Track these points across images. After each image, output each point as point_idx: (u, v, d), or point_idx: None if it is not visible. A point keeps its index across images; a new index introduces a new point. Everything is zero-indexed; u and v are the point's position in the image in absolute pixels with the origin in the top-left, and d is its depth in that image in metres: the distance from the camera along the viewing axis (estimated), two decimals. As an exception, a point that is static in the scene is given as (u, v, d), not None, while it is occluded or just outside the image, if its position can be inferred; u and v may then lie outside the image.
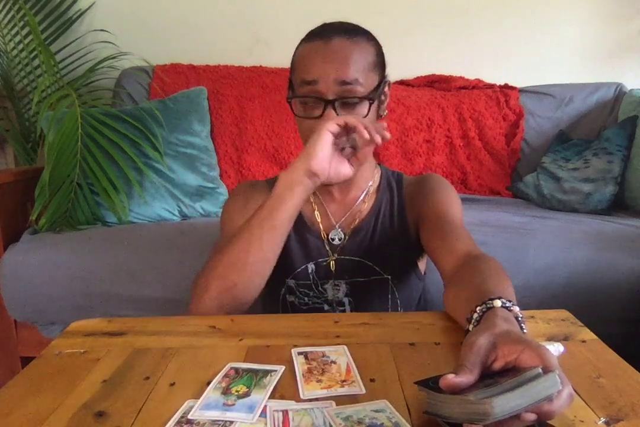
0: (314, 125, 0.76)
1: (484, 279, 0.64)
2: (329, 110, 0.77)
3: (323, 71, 0.76)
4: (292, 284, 0.90)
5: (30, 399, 0.52)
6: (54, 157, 1.42)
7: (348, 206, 0.91)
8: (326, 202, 0.91)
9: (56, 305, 1.31)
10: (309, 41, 0.80)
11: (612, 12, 2.06)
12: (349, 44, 0.78)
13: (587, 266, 1.27)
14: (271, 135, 1.88)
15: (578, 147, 1.82)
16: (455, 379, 0.43)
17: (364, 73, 0.78)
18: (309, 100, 0.79)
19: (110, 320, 0.72)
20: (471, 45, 2.09)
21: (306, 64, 0.78)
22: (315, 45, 0.79)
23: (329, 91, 0.76)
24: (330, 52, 0.77)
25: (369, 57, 0.80)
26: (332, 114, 0.76)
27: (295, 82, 0.81)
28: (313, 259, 0.89)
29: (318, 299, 0.90)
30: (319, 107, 0.78)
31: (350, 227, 0.90)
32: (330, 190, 0.90)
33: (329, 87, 0.76)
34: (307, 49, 0.80)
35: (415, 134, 1.92)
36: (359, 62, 0.78)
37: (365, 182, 0.91)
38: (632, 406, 0.49)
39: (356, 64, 0.77)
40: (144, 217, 1.58)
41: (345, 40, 0.78)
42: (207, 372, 0.56)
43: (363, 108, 0.79)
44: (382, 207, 0.91)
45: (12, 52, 1.94)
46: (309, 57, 0.79)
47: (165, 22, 2.07)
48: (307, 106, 0.80)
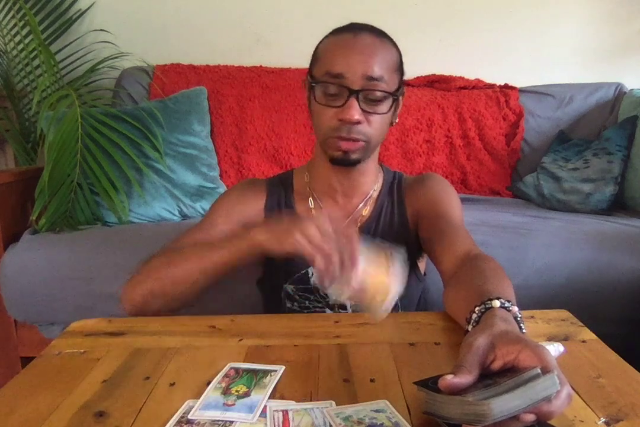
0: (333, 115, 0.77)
1: (484, 279, 0.64)
2: (352, 100, 0.75)
3: (351, 63, 0.75)
4: (290, 289, 0.89)
5: (30, 399, 0.52)
6: (53, 157, 1.42)
7: (350, 211, 0.90)
8: (328, 207, 0.90)
9: (56, 305, 1.31)
10: (336, 35, 0.79)
11: (612, 12, 2.06)
12: (378, 40, 0.78)
13: (587, 266, 1.27)
14: (271, 135, 1.88)
15: (578, 147, 1.82)
16: (454, 380, 0.43)
17: (389, 72, 0.78)
18: (333, 89, 0.77)
19: (110, 320, 0.72)
20: (471, 45, 2.09)
21: (333, 55, 0.77)
22: (343, 38, 0.78)
23: (355, 84, 0.75)
24: (359, 45, 0.76)
25: (394, 58, 0.80)
26: (355, 105, 0.75)
27: (317, 74, 0.79)
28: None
29: (319, 303, 0.89)
30: (342, 97, 0.76)
31: None
32: (333, 195, 0.89)
33: (355, 80, 0.75)
34: (335, 41, 0.79)
35: (415, 134, 1.92)
36: (385, 60, 0.78)
37: (368, 188, 0.91)
38: (632, 406, 0.49)
39: (383, 61, 0.77)
40: (144, 217, 1.58)
41: (374, 37, 0.78)
42: (207, 372, 0.56)
43: (385, 105, 0.79)
44: (383, 210, 0.91)
45: (12, 52, 1.93)
46: (336, 49, 0.77)
47: (165, 22, 2.07)
48: (329, 96, 0.78)
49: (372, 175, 0.91)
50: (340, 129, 0.77)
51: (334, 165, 0.84)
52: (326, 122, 0.78)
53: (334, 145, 0.79)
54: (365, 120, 0.77)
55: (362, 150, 0.80)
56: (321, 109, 0.79)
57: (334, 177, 0.87)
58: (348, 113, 0.75)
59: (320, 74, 0.78)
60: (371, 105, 0.77)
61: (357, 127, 0.77)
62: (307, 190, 0.91)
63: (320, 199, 0.90)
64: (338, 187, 0.88)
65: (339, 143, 0.78)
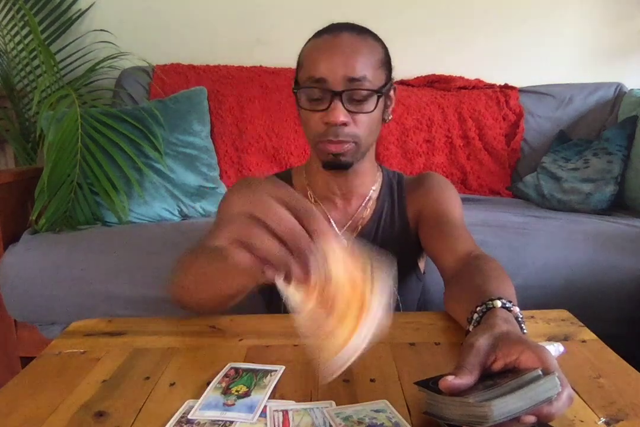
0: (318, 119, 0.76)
1: (485, 279, 0.64)
2: (336, 102, 0.75)
3: (331, 67, 0.74)
4: None
5: (30, 399, 0.52)
6: (53, 157, 1.42)
7: (350, 214, 0.90)
8: (328, 210, 0.89)
9: (56, 305, 1.31)
10: (317, 37, 0.79)
11: (612, 12, 2.06)
12: (358, 39, 0.77)
13: (587, 266, 1.27)
14: (271, 135, 1.88)
15: (578, 147, 1.82)
16: (455, 381, 0.43)
17: (372, 70, 0.77)
18: (316, 94, 0.76)
19: (110, 320, 0.72)
20: (471, 45, 2.09)
21: (314, 59, 0.76)
22: (323, 40, 0.77)
23: (337, 86, 0.75)
24: (339, 46, 0.76)
25: (377, 55, 0.79)
26: (338, 106, 0.74)
27: (301, 80, 0.79)
28: None
29: None
30: (325, 101, 0.76)
31: (353, 234, 0.89)
32: (332, 199, 0.89)
33: (337, 82, 0.75)
34: (315, 44, 0.78)
35: (415, 134, 1.92)
36: (368, 59, 0.77)
37: (367, 189, 0.90)
38: (632, 406, 0.49)
39: (365, 59, 0.76)
40: (144, 217, 1.58)
41: (355, 36, 0.77)
42: (207, 372, 0.56)
43: (371, 104, 0.78)
44: (383, 211, 0.91)
45: (12, 52, 1.93)
46: (317, 52, 0.77)
47: (165, 22, 2.07)
48: (313, 101, 0.77)
49: (369, 176, 0.90)
50: (328, 133, 0.77)
51: (327, 170, 0.84)
52: (314, 128, 0.78)
53: (324, 149, 0.79)
54: (352, 121, 0.77)
55: (353, 151, 0.79)
56: (307, 114, 0.78)
57: (331, 181, 0.87)
58: (332, 115, 0.74)
59: (303, 80, 0.78)
60: (356, 105, 0.77)
61: (344, 129, 0.76)
62: (308, 192, 0.91)
63: (320, 202, 0.90)
64: (336, 190, 0.88)
65: (329, 147, 0.78)
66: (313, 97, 0.77)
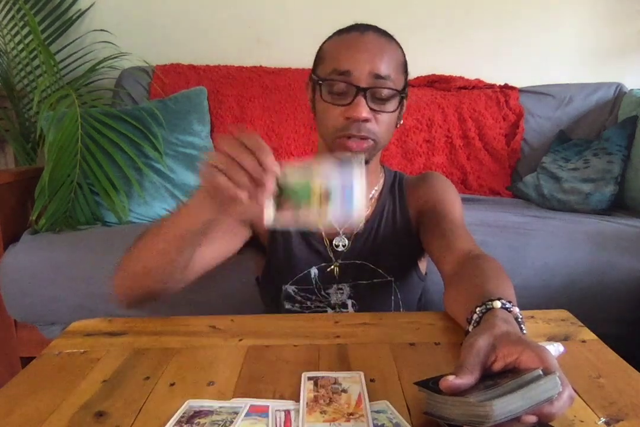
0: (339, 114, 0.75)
1: (484, 279, 0.64)
2: (360, 97, 0.74)
3: (358, 61, 0.74)
4: (291, 290, 0.89)
5: (30, 399, 0.52)
6: (53, 157, 1.42)
7: None
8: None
9: (56, 305, 1.31)
10: (342, 34, 0.79)
11: (612, 12, 2.06)
12: (384, 40, 0.78)
13: (587, 266, 1.27)
14: (271, 135, 1.88)
15: (578, 147, 1.82)
16: (456, 380, 0.43)
17: (396, 71, 0.78)
18: (340, 87, 0.75)
19: (110, 320, 0.72)
20: (471, 45, 2.09)
21: (340, 53, 0.76)
22: (350, 37, 0.77)
23: (362, 82, 0.75)
24: (366, 43, 0.76)
25: (400, 58, 0.80)
26: (362, 102, 0.74)
27: (322, 73, 0.78)
28: (316, 264, 0.89)
29: (321, 302, 0.89)
30: (349, 96, 0.75)
31: (354, 232, 0.89)
32: None
33: (363, 77, 0.74)
34: (341, 40, 0.78)
35: (415, 134, 1.92)
36: (392, 59, 0.77)
37: (370, 188, 0.90)
38: (632, 406, 0.49)
39: (390, 60, 0.76)
40: (144, 217, 1.57)
41: (381, 36, 0.78)
42: (207, 372, 0.56)
43: (393, 104, 0.78)
44: (385, 211, 0.91)
45: (12, 52, 1.93)
46: (343, 46, 0.76)
47: (165, 22, 2.07)
48: (335, 95, 0.76)
49: (373, 176, 0.90)
50: (348, 128, 0.76)
51: None
52: (332, 122, 0.77)
53: (342, 145, 0.77)
54: (374, 119, 0.77)
55: (371, 149, 0.79)
56: (327, 107, 0.77)
57: None
58: (356, 111, 0.74)
59: (326, 73, 0.77)
60: (378, 103, 0.77)
61: (366, 125, 0.76)
62: None
63: None
64: None
65: (348, 144, 0.77)
66: (336, 91, 0.76)
